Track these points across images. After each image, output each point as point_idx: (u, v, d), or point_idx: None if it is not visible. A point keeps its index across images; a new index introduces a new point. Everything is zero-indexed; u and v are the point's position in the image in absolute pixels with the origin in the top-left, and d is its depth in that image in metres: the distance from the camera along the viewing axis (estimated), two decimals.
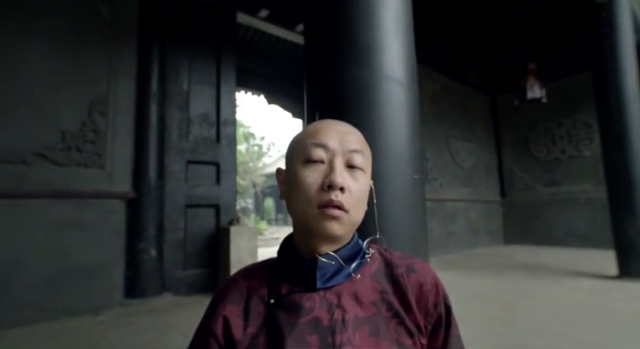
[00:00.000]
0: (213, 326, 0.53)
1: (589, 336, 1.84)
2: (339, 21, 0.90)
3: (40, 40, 2.50)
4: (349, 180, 0.50)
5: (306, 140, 0.52)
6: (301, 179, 0.50)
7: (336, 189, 0.48)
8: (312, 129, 0.53)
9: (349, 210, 0.49)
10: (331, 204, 0.48)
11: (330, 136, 0.50)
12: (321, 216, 0.48)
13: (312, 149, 0.50)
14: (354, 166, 0.50)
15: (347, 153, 0.50)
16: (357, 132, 0.54)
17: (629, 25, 3.30)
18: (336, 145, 0.50)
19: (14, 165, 2.33)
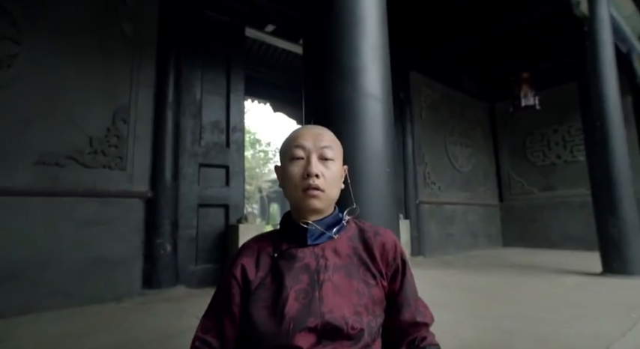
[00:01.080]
0: (234, 271, 0.79)
1: (557, 318, 2.07)
2: (329, 49, 1.17)
3: (72, 56, 2.81)
4: (322, 169, 0.76)
5: (290, 143, 0.78)
6: (289, 172, 0.76)
7: (312, 176, 0.73)
8: (294, 134, 0.79)
9: (325, 189, 0.75)
10: (310, 187, 0.74)
11: (306, 139, 0.76)
12: (305, 196, 0.74)
13: (294, 150, 0.76)
14: (326, 158, 0.76)
15: (320, 149, 0.76)
16: (327, 132, 0.80)
17: (609, 39, 3.54)
18: (310, 145, 0.76)
19: (50, 166, 2.62)
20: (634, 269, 3.21)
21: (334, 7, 1.16)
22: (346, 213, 0.85)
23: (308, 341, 0.69)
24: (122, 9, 3.15)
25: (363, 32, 1.16)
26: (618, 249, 3.28)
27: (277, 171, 0.84)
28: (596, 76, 3.50)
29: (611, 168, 3.38)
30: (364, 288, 0.76)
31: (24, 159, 2.54)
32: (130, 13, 3.18)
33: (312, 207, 0.75)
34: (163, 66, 3.33)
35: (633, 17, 4.82)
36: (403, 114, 5.55)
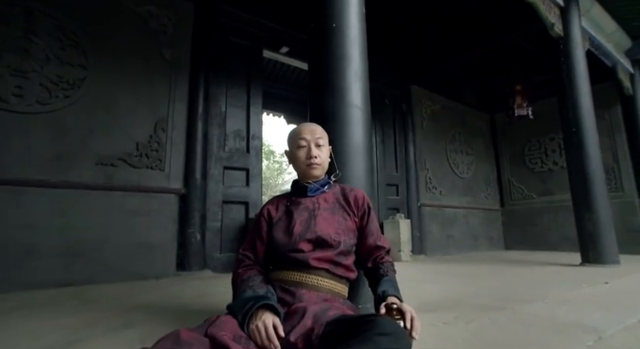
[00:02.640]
0: (263, 212, 1.33)
1: (520, 288, 2.51)
2: (325, 74, 1.71)
3: (124, 76, 3.45)
4: (317, 152, 1.29)
5: (295, 136, 1.32)
6: (297, 155, 1.30)
7: (313, 157, 1.27)
8: (297, 130, 1.33)
9: (320, 164, 1.29)
10: (312, 164, 1.27)
11: (306, 133, 1.30)
12: (308, 168, 1.28)
13: (299, 141, 1.30)
14: (318, 145, 1.29)
15: (315, 140, 1.29)
16: (318, 127, 1.33)
17: (582, 56, 4.01)
18: (309, 137, 1.29)
19: (106, 167, 3.23)
20: (607, 259, 3.59)
21: (329, 46, 1.71)
22: (332, 176, 1.39)
23: (307, 247, 1.21)
24: (163, 38, 3.80)
25: (348, 63, 1.70)
26: (593, 241, 3.67)
27: (287, 154, 1.39)
28: (571, 87, 3.96)
29: (586, 168, 3.80)
30: (342, 220, 1.29)
31: (88, 160, 3.15)
32: (168, 41, 3.83)
33: (313, 175, 1.30)
34: (195, 83, 3.94)
35: (616, 34, 5.27)
36: (405, 124, 6.05)
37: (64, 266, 2.90)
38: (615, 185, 5.88)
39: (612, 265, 3.57)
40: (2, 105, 2.84)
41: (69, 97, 3.15)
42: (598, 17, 4.84)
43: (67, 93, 3.14)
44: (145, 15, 3.71)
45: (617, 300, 1.99)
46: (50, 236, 2.89)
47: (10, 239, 2.72)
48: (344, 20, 1.72)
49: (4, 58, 2.89)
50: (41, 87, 3.03)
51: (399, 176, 5.85)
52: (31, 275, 2.76)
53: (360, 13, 1.79)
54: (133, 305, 2.10)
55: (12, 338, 1.46)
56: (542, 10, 3.90)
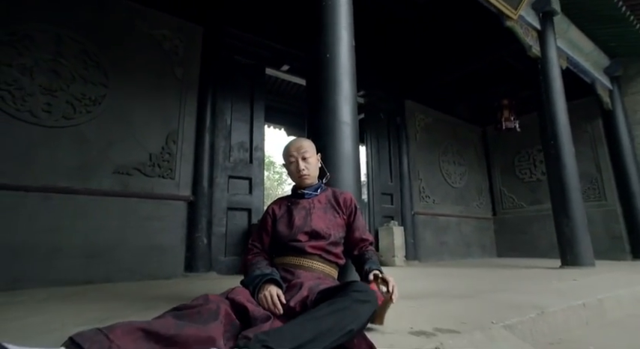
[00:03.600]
0: (268, 211, 1.65)
1: (500, 284, 2.79)
2: (320, 96, 2.04)
3: (139, 93, 3.80)
4: (305, 164, 1.61)
5: (286, 154, 1.64)
6: (290, 169, 1.62)
7: (302, 170, 1.59)
8: (287, 148, 1.65)
9: (309, 174, 1.61)
10: (302, 175, 1.59)
11: (293, 151, 1.62)
12: (300, 179, 1.60)
13: (289, 158, 1.62)
14: (305, 158, 1.61)
15: (301, 155, 1.61)
16: (304, 141, 1.65)
17: (557, 75, 4.37)
18: (296, 154, 1.61)
19: (122, 175, 3.55)
20: (584, 261, 3.88)
21: (323, 73, 2.05)
22: (324, 180, 1.71)
23: (304, 237, 1.52)
24: (175, 58, 4.16)
25: (339, 87, 2.04)
26: (571, 245, 3.97)
27: (285, 167, 1.71)
28: (548, 103, 4.31)
29: (564, 178, 4.12)
30: (332, 218, 1.60)
31: (106, 169, 3.47)
32: (180, 60, 4.19)
33: (305, 184, 1.62)
34: (203, 99, 4.28)
35: (594, 53, 5.66)
36: (400, 136, 6.40)
37: (84, 266, 3.19)
38: (598, 194, 6.19)
39: (588, 267, 3.86)
40: (34, 120, 3.18)
41: (91, 112, 3.49)
42: (575, 38, 5.24)
43: (89, 108, 3.48)
44: (159, 38, 4.08)
45: (574, 291, 2.28)
46: (72, 238, 3.19)
47: (40, 240, 3.02)
48: (336, 52, 2.07)
49: (36, 79, 3.24)
50: (67, 103, 3.37)
51: (394, 185, 6.16)
52: (55, 273, 3.05)
53: (349, 45, 2.13)
54: (151, 297, 2.39)
55: (58, 317, 1.75)
56: (520, 34, 4.28)
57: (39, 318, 1.71)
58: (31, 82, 3.22)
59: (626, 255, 5.62)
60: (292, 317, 1.11)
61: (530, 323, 1.54)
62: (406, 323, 1.42)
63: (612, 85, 6.02)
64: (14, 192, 3.02)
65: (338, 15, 2.12)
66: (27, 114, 3.17)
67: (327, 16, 2.11)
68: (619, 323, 1.94)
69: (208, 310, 1.06)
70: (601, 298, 2.04)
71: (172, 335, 0.91)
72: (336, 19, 2.11)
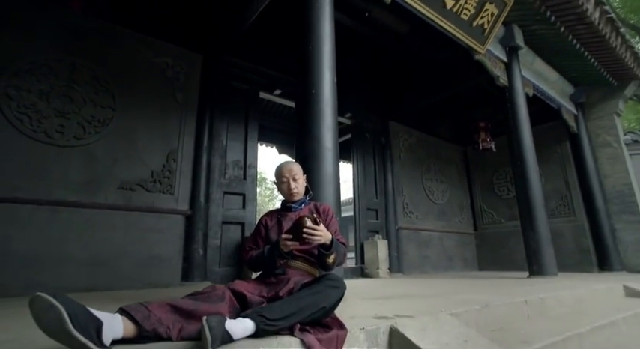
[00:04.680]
0: (261, 222, 2.02)
1: (465, 290, 3.15)
2: (306, 126, 2.43)
3: (143, 114, 4.15)
4: (294, 185, 1.98)
5: (279, 174, 2.02)
6: (282, 188, 2.00)
7: (292, 190, 1.96)
8: (279, 170, 2.02)
9: (298, 192, 1.98)
10: (292, 193, 1.96)
11: (285, 172, 1.99)
12: (289, 195, 1.97)
13: (281, 178, 1.99)
14: (295, 179, 1.98)
15: (292, 176, 1.98)
16: (294, 165, 2.03)
17: (523, 102, 4.86)
18: (287, 175, 1.98)
19: (126, 190, 3.86)
20: (547, 271, 4.27)
21: (309, 106, 2.45)
22: (307, 197, 2.07)
23: None
24: (176, 83, 4.55)
25: (323, 118, 2.43)
26: (537, 256, 4.36)
27: (276, 185, 2.07)
28: (515, 128, 4.79)
29: (529, 194, 4.55)
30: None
31: (112, 185, 3.78)
32: (181, 86, 4.58)
33: (294, 200, 1.98)
34: (201, 121, 4.65)
35: (559, 82, 6.23)
36: (384, 155, 6.83)
37: (88, 274, 3.46)
38: (568, 210, 6.66)
39: (551, 276, 4.24)
40: (48, 140, 3.50)
41: (99, 133, 3.82)
42: (541, 69, 5.80)
43: (97, 129, 3.82)
44: (162, 65, 4.48)
45: (524, 291, 2.65)
46: (79, 248, 3.47)
47: (49, 250, 3.30)
48: (320, 88, 2.47)
49: (52, 103, 3.58)
50: (78, 125, 3.71)
51: (379, 201, 6.54)
52: (62, 281, 3.30)
53: (332, 82, 2.54)
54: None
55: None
56: (489, 66, 4.79)
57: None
58: (47, 105, 3.56)
59: (593, 268, 6.04)
60: None
61: (475, 313, 1.90)
62: (373, 312, 1.77)
63: (577, 110, 6.58)
64: (27, 205, 3.31)
65: (322, 58, 2.53)
66: (42, 135, 3.50)
67: (313, 59, 2.52)
68: (556, 317, 2.31)
69: (216, 295, 1.40)
70: (542, 297, 2.41)
71: (191, 310, 1.25)
72: (320, 61, 2.52)
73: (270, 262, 1.67)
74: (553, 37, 5.02)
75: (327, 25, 2.65)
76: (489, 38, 4.59)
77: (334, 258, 1.67)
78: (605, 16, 4.57)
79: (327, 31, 2.62)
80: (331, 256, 1.65)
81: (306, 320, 1.31)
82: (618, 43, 5.00)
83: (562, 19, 4.55)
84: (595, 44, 5.00)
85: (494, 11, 4.39)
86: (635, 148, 6.34)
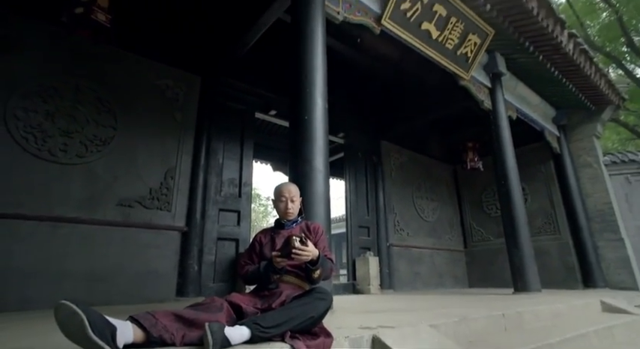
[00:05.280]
0: (256, 238, 2.19)
1: (450, 305, 3.29)
2: (299, 149, 2.62)
3: (143, 133, 4.32)
4: (291, 205, 2.16)
5: (279, 193, 2.19)
6: (279, 206, 2.16)
7: (288, 209, 2.13)
8: (280, 189, 2.20)
9: (293, 212, 2.15)
10: (288, 212, 2.13)
11: (285, 193, 2.17)
12: (285, 214, 2.14)
13: (280, 197, 2.17)
14: (292, 200, 2.16)
15: (290, 197, 2.15)
16: (294, 187, 2.21)
17: (506, 125, 5.13)
18: (287, 195, 2.16)
19: (125, 207, 3.99)
20: (531, 288, 4.42)
21: (302, 131, 2.64)
22: (300, 217, 2.24)
23: None
24: (175, 104, 4.75)
25: (315, 142, 2.63)
26: (520, 273, 4.52)
27: (273, 202, 2.24)
28: (499, 149, 5.03)
29: (513, 213, 4.75)
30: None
31: (111, 201, 3.91)
32: (180, 106, 4.78)
33: (289, 218, 2.15)
34: (199, 140, 4.83)
35: (541, 105, 6.55)
36: (376, 173, 7.03)
37: (87, 289, 3.55)
38: (553, 228, 6.87)
39: (535, 293, 4.39)
40: (51, 159, 3.65)
41: (101, 151, 3.98)
42: (524, 93, 6.12)
43: (99, 148, 3.98)
44: (163, 86, 4.69)
45: (504, 306, 2.81)
46: (77, 263, 3.57)
47: (49, 265, 3.40)
48: (312, 114, 2.68)
49: (56, 122, 3.75)
50: (80, 144, 3.87)
51: (370, 219, 6.70)
52: (61, 296, 3.36)
53: (323, 109, 2.75)
54: None
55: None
56: (473, 91, 5.07)
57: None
58: (52, 125, 3.73)
59: (579, 284, 6.21)
60: None
61: (453, 325, 2.05)
62: (359, 324, 1.92)
63: (559, 132, 6.89)
64: (29, 221, 3.43)
65: (315, 86, 2.75)
66: (46, 153, 3.65)
67: (306, 87, 2.74)
68: (533, 330, 2.46)
69: (215, 306, 1.54)
70: (520, 311, 2.57)
71: (193, 319, 1.39)
72: (313, 89, 2.74)
73: (265, 277, 1.82)
74: (533, 65, 5.34)
75: (320, 57, 2.88)
76: (473, 65, 4.89)
77: (319, 273, 1.82)
78: (579, 47, 4.91)
79: (320, 63, 2.85)
80: (317, 271, 1.80)
81: (296, 328, 1.46)
82: (592, 71, 5.34)
83: (540, 49, 4.88)
84: (571, 72, 5.33)
85: (477, 41, 4.70)
86: (614, 169, 6.63)
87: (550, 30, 4.44)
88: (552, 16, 4.35)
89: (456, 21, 4.37)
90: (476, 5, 4.26)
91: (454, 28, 4.41)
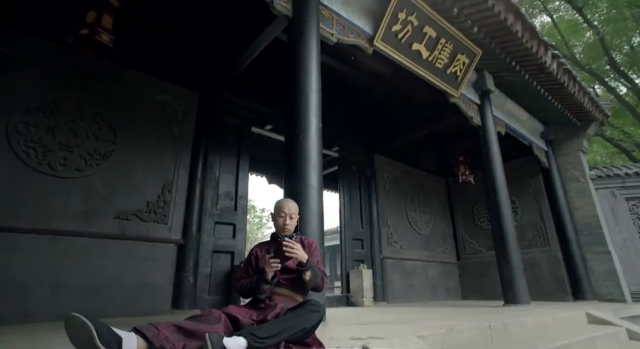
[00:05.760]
0: (252, 253, 2.28)
1: (439, 317, 3.38)
2: (295, 167, 2.74)
3: (142, 148, 4.41)
4: (289, 221, 2.27)
5: (279, 209, 2.31)
6: (278, 221, 2.27)
7: (286, 225, 2.23)
8: (280, 204, 2.32)
9: (290, 228, 2.26)
10: (285, 228, 2.23)
11: (285, 209, 2.28)
12: (283, 229, 2.25)
13: (280, 212, 2.28)
14: (291, 217, 2.27)
15: (290, 214, 2.26)
16: (293, 204, 2.31)
17: (495, 140, 5.31)
18: (286, 211, 2.27)
19: (122, 220, 4.06)
20: (520, 300, 4.52)
21: (297, 149, 2.76)
22: (296, 233, 2.34)
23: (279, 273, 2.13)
24: (174, 119, 4.86)
25: (309, 160, 2.75)
26: (510, 285, 4.63)
27: (272, 215, 2.34)
28: (488, 164, 5.19)
29: (503, 226, 4.88)
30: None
31: (109, 215, 3.98)
32: (178, 121, 4.89)
33: (285, 233, 2.25)
34: (196, 154, 4.93)
35: (529, 121, 6.76)
36: (370, 187, 7.16)
37: (83, 302, 3.59)
38: (543, 241, 7.01)
39: (524, 305, 4.49)
40: (51, 172, 3.72)
41: (100, 165, 4.06)
42: (512, 109, 6.33)
43: (98, 162, 4.06)
44: (162, 102, 4.80)
45: (491, 318, 2.90)
46: (74, 276, 3.61)
47: (47, 278, 3.44)
48: (307, 133, 2.81)
49: (57, 137, 3.84)
50: (80, 158, 3.95)
51: (364, 232, 6.80)
52: (57, 309, 3.42)
53: (317, 127, 2.88)
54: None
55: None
56: (463, 108, 5.25)
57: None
58: (53, 140, 3.82)
59: (568, 297, 6.31)
60: None
61: (440, 336, 2.14)
62: (350, 335, 2.00)
63: (547, 147, 7.10)
64: (28, 234, 3.48)
65: (309, 106, 2.89)
66: (46, 167, 3.72)
67: (301, 107, 2.87)
68: (519, 341, 2.56)
69: (213, 317, 1.63)
70: (506, 323, 2.66)
71: (193, 330, 1.48)
72: (308, 109, 2.87)
73: (256, 287, 1.91)
74: (520, 83, 5.56)
75: (314, 78, 3.02)
76: (462, 84, 5.08)
77: (310, 276, 1.91)
78: (562, 67, 5.14)
79: (314, 83, 2.99)
80: (307, 272, 1.90)
81: (290, 338, 1.55)
82: (576, 89, 5.56)
83: (525, 68, 5.09)
84: (556, 90, 5.55)
85: (466, 61, 4.90)
86: (600, 183, 6.82)
87: (534, 51, 4.66)
88: (536, 38, 4.57)
89: (445, 42, 4.57)
90: (464, 27, 4.47)
91: (444, 49, 4.61)
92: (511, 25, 4.24)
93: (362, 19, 4.00)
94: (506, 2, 4.07)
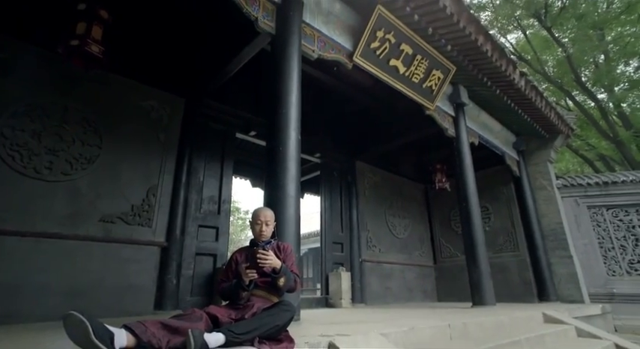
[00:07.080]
0: (233, 257, 2.48)
1: (409, 316, 3.62)
2: (274, 177, 2.94)
3: (127, 152, 4.53)
4: (265, 228, 2.47)
5: (256, 217, 2.51)
6: (255, 228, 2.47)
7: (262, 232, 2.43)
8: (257, 213, 2.52)
9: (267, 234, 2.46)
10: (262, 234, 2.43)
11: (261, 217, 2.48)
12: (259, 235, 2.45)
13: (257, 220, 2.48)
14: (267, 224, 2.47)
15: (265, 221, 2.47)
16: (269, 211, 2.52)
17: (467, 151, 5.63)
18: (262, 219, 2.47)
19: (107, 223, 4.16)
20: (487, 302, 4.83)
21: (277, 161, 2.97)
22: (273, 239, 2.55)
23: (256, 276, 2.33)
24: (159, 124, 4.98)
25: (288, 171, 2.95)
26: (477, 288, 4.93)
27: (250, 224, 2.54)
28: (461, 173, 5.50)
29: (472, 233, 5.18)
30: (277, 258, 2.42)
31: (94, 218, 4.08)
32: (164, 127, 5.01)
33: (263, 239, 2.45)
34: (181, 159, 5.06)
35: (502, 132, 7.14)
36: (350, 192, 7.41)
37: (67, 304, 3.67)
38: (513, 246, 7.39)
39: (490, 306, 4.80)
40: (37, 176, 3.81)
41: (85, 169, 4.17)
42: (486, 121, 6.68)
43: (84, 166, 4.17)
44: (148, 108, 4.92)
45: (453, 318, 3.16)
46: (59, 278, 3.71)
47: (31, 280, 3.53)
48: (286, 146, 3.01)
49: (43, 141, 3.93)
50: (66, 162, 4.04)
51: (344, 235, 7.03)
52: (41, 310, 3.51)
53: (296, 140, 3.09)
54: None
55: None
56: (438, 120, 5.56)
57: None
58: (39, 144, 3.90)
59: (534, 298, 6.70)
60: None
61: (402, 334, 2.38)
62: (320, 332, 2.22)
63: (519, 156, 7.50)
64: (12, 237, 3.56)
65: (289, 120, 3.10)
66: (32, 171, 3.81)
67: (282, 121, 3.08)
68: (476, 339, 2.82)
69: (195, 316, 1.82)
70: (465, 322, 2.93)
71: (177, 327, 1.67)
72: (288, 123, 3.08)
73: (235, 292, 2.10)
74: (492, 97, 5.90)
75: (295, 93, 3.24)
76: (437, 97, 5.38)
77: (284, 281, 2.12)
78: (530, 84, 5.51)
79: (294, 98, 3.20)
80: (281, 279, 2.11)
81: (264, 335, 1.75)
82: (543, 104, 5.96)
83: (496, 84, 5.43)
84: (525, 104, 5.92)
85: (441, 76, 5.20)
86: (566, 192, 7.26)
87: (504, 69, 5.00)
88: (504, 57, 4.91)
89: (421, 58, 4.86)
90: (439, 46, 4.77)
91: (420, 65, 4.90)
92: (481, 45, 4.55)
93: (342, 36, 4.24)
94: (477, 24, 4.38)
